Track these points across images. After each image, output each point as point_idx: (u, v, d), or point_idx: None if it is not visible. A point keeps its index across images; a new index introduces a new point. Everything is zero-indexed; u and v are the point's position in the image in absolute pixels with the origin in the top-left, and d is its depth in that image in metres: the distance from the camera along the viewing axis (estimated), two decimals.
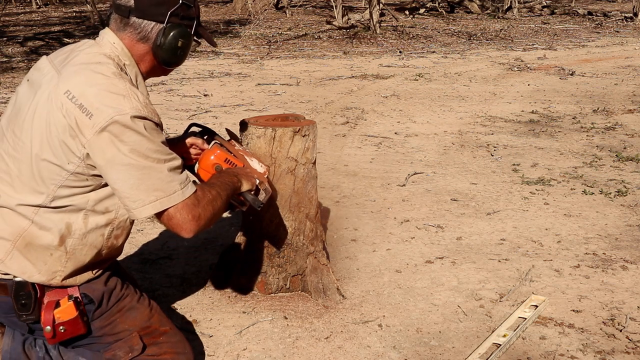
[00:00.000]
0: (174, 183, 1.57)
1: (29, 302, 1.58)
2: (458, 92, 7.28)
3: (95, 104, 1.51)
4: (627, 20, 15.22)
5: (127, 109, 1.51)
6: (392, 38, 12.18)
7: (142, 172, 1.53)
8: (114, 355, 1.72)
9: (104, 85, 1.54)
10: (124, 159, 1.51)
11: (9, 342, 1.70)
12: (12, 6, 18.49)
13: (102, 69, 1.58)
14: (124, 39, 1.67)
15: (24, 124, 1.59)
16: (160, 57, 1.69)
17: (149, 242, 3.11)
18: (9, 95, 7.04)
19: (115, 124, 1.49)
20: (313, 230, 2.53)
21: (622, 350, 2.19)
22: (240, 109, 6.36)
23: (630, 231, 3.24)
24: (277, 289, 2.55)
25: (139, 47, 1.68)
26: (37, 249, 1.59)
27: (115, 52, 1.65)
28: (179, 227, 1.59)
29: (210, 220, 1.66)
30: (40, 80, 1.64)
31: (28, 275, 1.59)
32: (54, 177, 1.55)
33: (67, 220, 1.59)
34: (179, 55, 1.70)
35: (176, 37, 1.67)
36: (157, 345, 1.79)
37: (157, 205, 1.55)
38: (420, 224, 3.36)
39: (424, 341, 2.25)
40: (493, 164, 4.47)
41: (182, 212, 1.58)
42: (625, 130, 5.43)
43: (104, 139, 1.50)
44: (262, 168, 2.10)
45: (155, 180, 1.54)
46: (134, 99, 1.54)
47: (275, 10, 17.04)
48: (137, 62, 1.69)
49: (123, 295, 1.75)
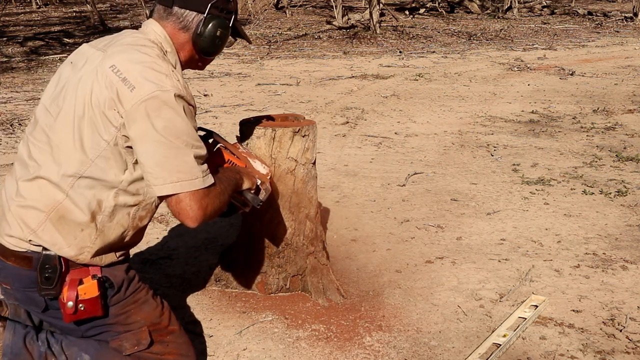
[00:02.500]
0: (197, 170, 1.63)
1: (53, 277, 1.62)
2: (458, 92, 7.28)
3: (138, 78, 1.59)
4: (627, 20, 15.22)
5: (168, 86, 1.59)
6: (392, 38, 12.18)
7: (170, 151, 1.59)
8: (120, 345, 1.75)
9: (148, 63, 1.62)
10: (155, 135, 1.57)
11: (10, 337, 1.70)
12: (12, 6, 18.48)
13: (147, 50, 1.67)
14: (167, 27, 1.76)
15: (67, 95, 1.66)
16: (199, 46, 1.78)
17: (149, 242, 3.11)
18: (9, 95, 7.05)
19: (155, 98, 1.57)
20: (313, 230, 2.53)
21: (622, 350, 2.19)
22: (240, 109, 6.36)
23: (630, 231, 3.24)
24: (277, 289, 2.55)
25: (180, 35, 1.77)
26: (69, 223, 1.64)
27: (158, 39, 1.74)
28: (185, 213, 1.63)
29: (214, 213, 1.70)
30: (84, 60, 1.72)
31: (58, 248, 1.63)
32: (94, 146, 1.61)
33: (99, 197, 1.64)
34: (216, 44, 1.79)
35: (215, 27, 1.76)
36: (162, 344, 1.81)
37: (177, 187, 1.60)
38: (420, 224, 3.36)
39: (423, 341, 2.25)
40: (493, 164, 4.47)
41: (192, 200, 1.62)
42: (625, 130, 5.43)
43: (141, 112, 1.57)
44: (265, 169, 2.12)
45: (180, 162, 1.60)
46: (175, 79, 1.63)
47: (275, 10, 17.04)
48: (178, 51, 1.78)
49: (139, 288, 1.80)
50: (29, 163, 1.68)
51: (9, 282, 1.69)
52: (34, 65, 9.20)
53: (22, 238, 1.64)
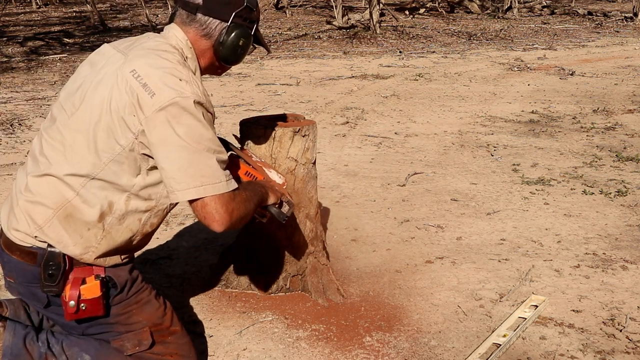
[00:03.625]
0: (220, 174, 1.62)
1: (57, 274, 1.63)
2: (458, 92, 7.28)
3: (159, 84, 1.58)
4: (627, 20, 15.22)
5: (188, 92, 1.59)
6: (392, 38, 12.18)
7: (192, 156, 1.58)
8: (121, 345, 1.75)
9: (169, 69, 1.62)
10: (177, 140, 1.57)
11: (10, 338, 1.70)
12: (12, 6, 18.49)
13: (168, 56, 1.67)
14: (189, 33, 1.76)
15: (85, 96, 1.66)
16: (221, 54, 1.78)
17: (150, 242, 3.10)
18: (9, 95, 7.05)
19: (175, 105, 1.57)
20: (313, 230, 2.53)
21: (622, 350, 2.19)
22: (240, 109, 6.36)
23: (630, 231, 3.24)
24: (277, 289, 2.55)
25: (202, 42, 1.77)
26: (76, 222, 1.64)
27: (180, 45, 1.74)
28: (211, 217, 1.61)
29: (240, 219, 1.68)
30: (104, 61, 1.72)
31: (63, 246, 1.64)
32: (108, 150, 1.61)
33: (110, 199, 1.64)
34: (238, 53, 1.79)
35: (238, 36, 1.76)
36: (164, 345, 1.81)
37: (201, 191, 1.59)
38: (420, 224, 3.36)
39: (423, 341, 2.25)
40: (493, 164, 4.47)
41: (218, 203, 1.60)
42: (625, 130, 5.43)
43: (162, 118, 1.57)
44: (281, 179, 2.09)
45: (203, 166, 1.59)
46: (195, 86, 1.63)
47: (275, 10, 17.04)
48: (198, 57, 1.78)
49: (142, 288, 1.80)
50: (40, 159, 1.68)
51: (13, 276, 1.70)
52: (34, 65, 9.20)
53: (28, 233, 1.65)
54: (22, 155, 4.68)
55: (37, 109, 6.29)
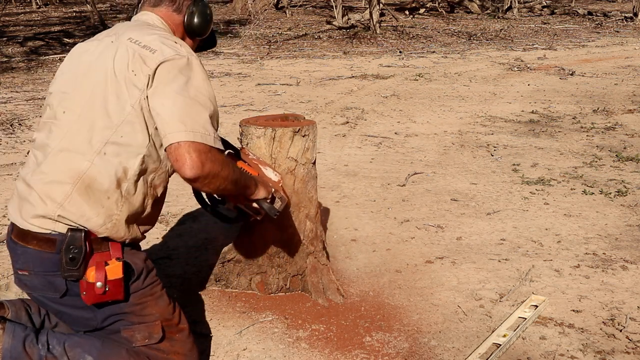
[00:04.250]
0: (210, 127, 1.68)
1: (78, 257, 1.64)
2: (458, 92, 7.28)
3: (158, 44, 1.71)
4: (627, 20, 15.22)
5: (184, 52, 1.72)
6: (392, 38, 12.18)
7: (188, 106, 1.65)
8: (131, 336, 1.76)
9: (162, 35, 1.76)
10: (176, 88, 1.65)
11: (9, 340, 1.70)
12: (12, 6, 18.48)
13: (154, 29, 1.81)
14: (160, 12, 1.89)
15: (88, 71, 1.74)
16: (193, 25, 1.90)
17: (149, 242, 3.11)
18: (9, 95, 7.05)
19: (175, 60, 1.68)
20: (313, 230, 2.53)
21: (622, 350, 2.19)
22: (240, 109, 6.36)
23: (630, 231, 3.24)
24: (277, 289, 2.55)
25: (174, 17, 1.90)
26: (95, 192, 1.66)
27: (156, 23, 1.86)
28: (182, 159, 1.62)
29: (213, 177, 1.67)
30: (92, 46, 1.82)
31: (86, 219, 1.66)
32: (119, 112, 1.67)
33: (125, 165, 1.68)
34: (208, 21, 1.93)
35: (205, 6, 1.92)
36: (170, 342, 1.82)
37: (190, 135, 1.62)
38: (420, 224, 3.36)
39: (423, 341, 2.25)
40: (493, 164, 4.47)
41: (192, 148, 1.62)
42: (625, 130, 5.43)
43: (164, 69, 1.67)
44: (277, 177, 2.12)
45: (196, 116, 1.65)
46: (187, 47, 1.77)
47: (275, 10, 17.04)
48: (173, 32, 1.90)
49: (157, 281, 1.83)
50: (49, 142, 1.71)
51: (29, 267, 1.69)
52: (34, 65, 9.20)
53: (48, 215, 1.65)
54: (22, 156, 4.67)
55: (37, 109, 6.29)
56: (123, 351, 1.76)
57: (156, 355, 1.79)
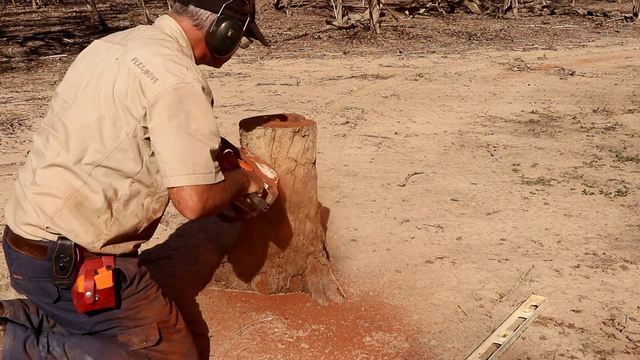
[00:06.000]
0: (211, 164, 1.66)
1: (69, 266, 1.64)
2: (458, 92, 7.28)
3: (161, 71, 1.62)
4: (627, 20, 15.22)
5: (189, 78, 1.64)
6: (392, 38, 12.18)
7: (188, 143, 1.62)
8: (128, 340, 1.75)
9: (170, 56, 1.67)
10: (176, 126, 1.60)
11: (10, 342, 1.70)
12: (12, 6, 18.48)
13: (167, 44, 1.72)
14: (182, 22, 1.82)
15: (88, 87, 1.69)
16: (211, 44, 1.83)
17: (149, 242, 3.11)
18: (9, 95, 7.05)
19: (177, 90, 1.61)
20: (313, 230, 2.53)
21: (622, 350, 2.19)
22: (240, 109, 6.36)
23: (630, 231, 3.24)
24: (277, 289, 2.55)
25: (195, 32, 1.83)
26: (86, 210, 1.66)
27: (174, 34, 1.79)
28: (184, 203, 1.63)
29: (215, 208, 1.70)
30: (103, 54, 1.75)
31: (74, 235, 1.65)
32: (113, 138, 1.64)
33: (115, 186, 1.67)
34: (227, 44, 1.83)
35: (227, 28, 1.81)
36: (169, 343, 1.82)
37: (193, 179, 1.62)
38: (420, 224, 3.36)
39: (423, 341, 2.25)
40: (493, 164, 4.47)
41: (194, 190, 1.63)
42: (625, 130, 5.43)
43: (163, 103, 1.60)
44: (273, 174, 2.14)
45: (197, 155, 1.63)
46: (196, 72, 1.68)
47: (275, 10, 17.04)
48: (193, 47, 1.84)
49: (151, 284, 1.82)
50: (45, 152, 1.70)
51: (22, 272, 1.70)
52: (34, 65, 9.20)
53: (38, 225, 1.65)
54: (22, 156, 4.67)
55: (37, 109, 6.29)
56: (123, 352, 1.76)
57: (155, 356, 1.79)
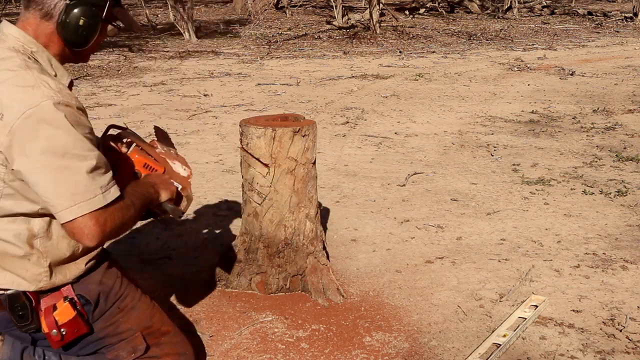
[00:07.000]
0: (94, 186, 1.46)
1: (26, 313, 1.56)
2: (458, 92, 7.28)
3: (5, 101, 1.43)
4: (627, 20, 15.22)
5: (37, 99, 1.42)
6: (392, 38, 12.18)
7: (58, 174, 1.43)
8: (117, 355, 1.71)
9: (11, 80, 1.45)
10: (37, 162, 1.42)
11: (8, 352, 1.69)
12: (12, 6, 18.50)
13: (7, 65, 1.49)
14: (29, 19, 1.57)
15: None
16: (63, 36, 1.58)
17: (149, 242, 3.11)
18: None
19: (27, 119, 1.41)
20: (313, 230, 2.53)
21: (622, 350, 2.19)
22: (240, 109, 6.36)
23: (630, 231, 3.24)
24: (277, 289, 2.55)
25: (44, 27, 1.57)
26: (12, 259, 1.54)
27: (18, 43, 1.54)
28: (80, 232, 1.45)
29: (118, 229, 1.53)
30: None
31: (16, 284, 1.55)
32: None
33: (27, 226, 1.53)
34: (81, 34, 1.58)
35: (78, 16, 1.56)
36: (158, 347, 1.77)
37: (77, 210, 1.44)
38: (420, 224, 3.36)
39: (423, 341, 2.25)
40: (493, 164, 4.47)
41: (86, 217, 1.45)
42: (625, 130, 5.43)
43: (17, 139, 1.42)
44: (186, 171, 1.93)
45: (72, 184, 1.44)
46: (44, 86, 1.45)
47: (275, 10, 17.05)
48: (46, 46, 1.59)
49: (123, 295, 1.72)
50: None
51: None
52: None
53: None
54: None
55: None
56: None
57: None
